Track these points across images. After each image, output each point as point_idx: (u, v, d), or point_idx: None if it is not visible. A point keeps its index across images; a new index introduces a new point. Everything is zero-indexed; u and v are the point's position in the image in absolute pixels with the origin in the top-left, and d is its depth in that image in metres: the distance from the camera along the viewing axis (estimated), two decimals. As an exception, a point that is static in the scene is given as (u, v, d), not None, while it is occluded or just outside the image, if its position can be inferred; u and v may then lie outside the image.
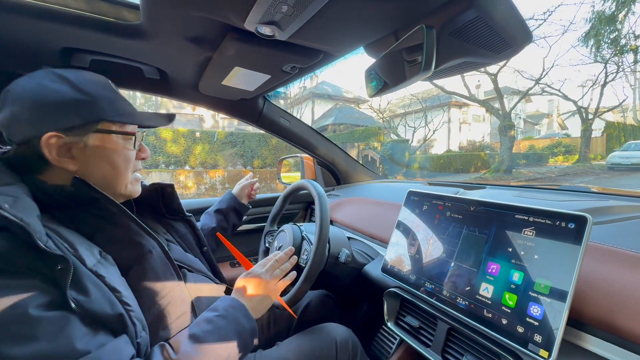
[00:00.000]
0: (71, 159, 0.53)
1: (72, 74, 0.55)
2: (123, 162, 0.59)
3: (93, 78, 0.57)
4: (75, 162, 0.54)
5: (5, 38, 0.74)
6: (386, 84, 0.70)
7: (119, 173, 0.59)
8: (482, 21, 0.53)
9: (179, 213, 0.80)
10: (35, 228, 0.42)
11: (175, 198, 0.79)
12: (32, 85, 0.52)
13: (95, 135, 0.55)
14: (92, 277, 0.46)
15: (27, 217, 0.42)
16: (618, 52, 9.64)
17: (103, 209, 0.55)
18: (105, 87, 0.57)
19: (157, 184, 0.76)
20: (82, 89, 0.53)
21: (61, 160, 0.52)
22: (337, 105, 16.43)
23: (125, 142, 0.59)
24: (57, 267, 0.42)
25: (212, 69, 0.90)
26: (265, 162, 10.04)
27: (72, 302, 0.41)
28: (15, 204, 0.43)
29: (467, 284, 0.64)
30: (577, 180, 9.03)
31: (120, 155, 0.58)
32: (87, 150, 0.54)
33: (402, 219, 0.87)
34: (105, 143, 0.56)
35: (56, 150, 0.51)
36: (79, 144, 0.54)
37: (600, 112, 11.83)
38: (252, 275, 0.69)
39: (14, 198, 0.44)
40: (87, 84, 0.55)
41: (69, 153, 0.53)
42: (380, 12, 0.59)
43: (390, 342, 0.99)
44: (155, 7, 0.63)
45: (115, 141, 0.57)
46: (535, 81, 10.84)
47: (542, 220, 0.57)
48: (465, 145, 15.63)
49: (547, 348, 0.49)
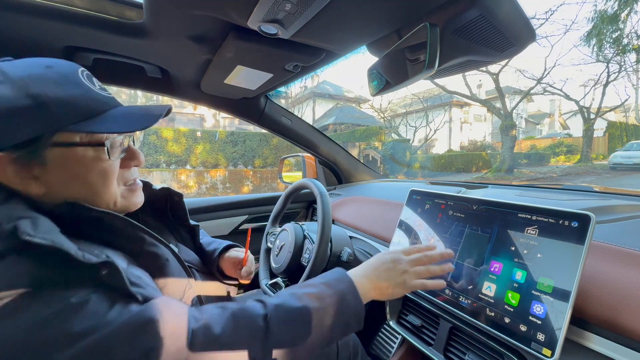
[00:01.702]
0: (33, 180, 0.44)
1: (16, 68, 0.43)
2: (98, 177, 0.48)
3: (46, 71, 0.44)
4: (39, 184, 0.44)
5: (7, 36, 0.75)
6: (388, 83, 0.70)
7: (96, 191, 0.48)
8: (485, 19, 0.53)
9: (184, 220, 0.75)
10: (68, 245, 0.38)
11: (182, 208, 0.73)
12: None
13: (54, 150, 0.44)
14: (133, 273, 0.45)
15: (56, 237, 0.38)
16: (620, 51, 9.61)
17: (110, 226, 0.48)
18: (62, 83, 0.44)
19: (166, 189, 0.71)
20: (28, 90, 0.41)
21: (23, 183, 0.43)
22: (338, 105, 16.43)
23: (97, 153, 0.47)
24: (102, 272, 0.39)
25: (214, 67, 0.90)
26: (267, 161, 10.05)
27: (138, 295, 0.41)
28: (36, 226, 0.38)
29: (470, 283, 0.64)
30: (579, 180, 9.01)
31: (92, 170, 0.47)
32: (49, 169, 0.44)
33: (404, 218, 0.87)
34: (69, 158, 0.45)
35: (12, 173, 0.42)
36: (36, 163, 0.43)
37: (602, 111, 11.81)
38: (391, 255, 0.61)
39: (31, 220, 0.39)
40: (35, 82, 0.42)
41: (29, 174, 0.43)
42: (384, 10, 0.59)
43: (392, 341, 0.99)
44: (158, 5, 0.63)
45: (82, 154, 0.46)
46: (537, 81, 10.83)
47: (545, 219, 0.57)
48: (466, 145, 15.60)
49: (550, 347, 0.49)
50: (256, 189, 9.38)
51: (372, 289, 0.57)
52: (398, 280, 0.58)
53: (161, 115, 0.50)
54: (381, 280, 0.58)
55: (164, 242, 0.57)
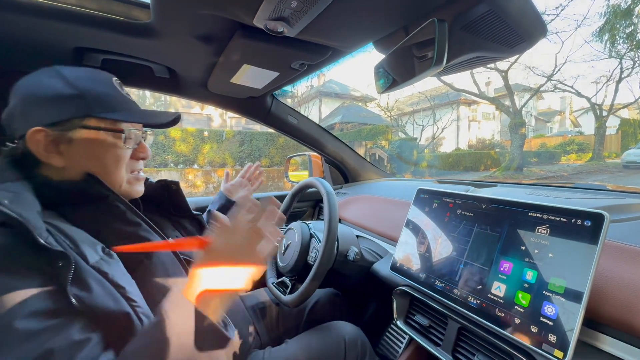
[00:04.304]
0: (58, 154, 0.52)
1: (69, 70, 0.54)
2: (111, 160, 0.56)
3: (91, 74, 0.56)
4: (62, 158, 0.52)
5: (18, 38, 0.76)
6: (395, 81, 0.69)
7: (107, 171, 0.56)
8: (495, 14, 0.52)
9: (186, 211, 0.78)
10: (34, 224, 0.41)
11: (180, 195, 0.76)
12: (30, 80, 0.53)
13: (82, 131, 0.53)
14: (94, 273, 0.45)
15: (26, 212, 0.42)
16: (634, 47, 9.37)
17: (112, 206, 0.55)
18: (100, 84, 0.56)
19: (162, 180, 0.74)
20: (73, 84, 0.52)
21: (48, 156, 0.51)
22: (345, 104, 16.38)
23: (115, 140, 0.56)
24: (58, 263, 0.41)
25: (220, 67, 0.90)
26: (273, 160, 10.08)
27: (73, 298, 0.41)
28: (15, 200, 0.43)
29: (479, 283, 0.63)
30: (591, 179, 8.84)
31: (107, 153, 0.56)
32: (74, 146, 0.53)
33: (411, 217, 0.86)
34: (92, 139, 0.54)
35: (43, 146, 0.51)
36: (65, 140, 0.52)
37: (615, 109, 11.52)
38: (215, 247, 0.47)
39: (14, 194, 0.44)
40: (80, 80, 0.54)
41: (57, 149, 0.52)
42: (391, 6, 0.59)
43: (399, 341, 0.98)
44: (165, 5, 0.63)
45: (103, 138, 0.55)
46: (547, 78, 10.63)
47: (556, 218, 0.56)
48: (474, 144, 15.40)
49: (562, 348, 0.48)
50: (263, 188, 9.42)
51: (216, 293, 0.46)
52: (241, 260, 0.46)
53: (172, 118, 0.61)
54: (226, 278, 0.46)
55: (158, 231, 0.61)
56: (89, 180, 0.53)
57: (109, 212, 0.54)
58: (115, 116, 0.55)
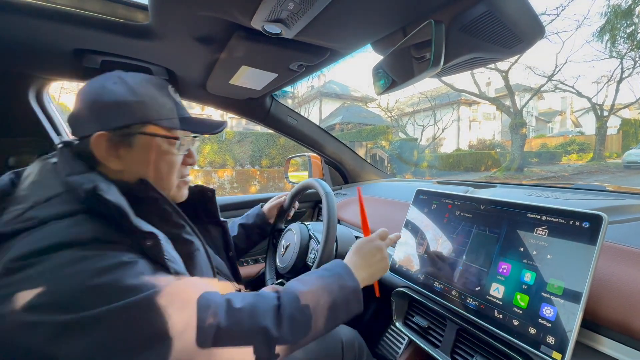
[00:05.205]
0: (117, 158, 0.55)
1: (131, 77, 0.57)
2: (166, 166, 0.59)
3: (150, 82, 0.59)
4: (120, 162, 0.55)
5: (18, 40, 0.76)
6: (394, 82, 0.69)
7: (161, 176, 0.59)
8: (492, 15, 0.52)
9: (215, 217, 0.81)
10: (128, 210, 0.47)
11: (214, 202, 0.80)
12: (95, 86, 0.55)
13: (141, 137, 0.56)
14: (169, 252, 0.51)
15: (119, 199, 0.47)
16: (635, 46, 9.35)
17: (160, 209, 0.57)
18: (159, 91, 0.59)
19: (199, 186, 0.77)
20: (136, 91, 0.55)
21: (108, 159, 0.54)
22: (345, 104, 16.39)
23: (170, 147, 0.59)
24: (147, 242, 0.47)
25: (219, 68, 0.90)
26: (273, 161, 10.08)
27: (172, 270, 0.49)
28: (109, 190, 0.47)
29: (477, 284, 0.63)
30: (592, 179, 8.82)
31: (163, 159, 0.59)
32: (132, 151, 0.55)
33: (410, 218, 0.86)
34: (150, 145, 0.57)
35: (104, 149, 0.53)
36: (125, 144, 0.55)
37: (616, 109, 11.50)
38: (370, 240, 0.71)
39: (106, 184, 0.48)
40: (142, 87, 0.56)
41: (116, 152, 0.54)
42: (388, 8, 0.59)
43: (399, 342, 0.98)
44: (164, 7, 0.64)
45: (159, 144, 0.58)
46: (547, 78, 10.62)
47: (555, 219, 0.56)
48: (475, 144, 15.38)
49: (561, 350, 0.48)
50: (263, 189, 9.42)
51: (362, 274, 0.65)
52: (383, 264, 0.69)
53: (223, 127, 0.65)
54: (369, 264, 0.67)
55: (199, 235, 0.65)
56: (141, 185, 0.56)
57: (157, 214, 0.56)
58: (174, 124, 0.59)
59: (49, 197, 0.46)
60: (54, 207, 0.45)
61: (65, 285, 0.39)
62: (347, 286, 0.60)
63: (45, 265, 0.39)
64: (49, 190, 0.47)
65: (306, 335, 0.53)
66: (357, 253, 0.69)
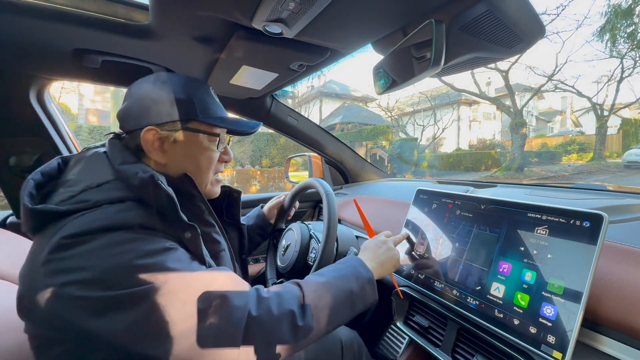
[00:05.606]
0: (163, 152, 0.58)
1: (177, 77, 0.61)
2: (205, 161, 0.63)
3: (194, 82, 0.62)
4: (165, 156, 0.58)
5: (19, 40, 0.76)
6: (394, 81, 0.69)
7: (200, 171, 0.63)
8: (492, 15, 0.52)
9: (235, 218, 0.83)
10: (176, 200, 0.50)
11: (238, 205, 0.81)
12: (145, 84, 0.59)
13: (185, 132, 0.59)
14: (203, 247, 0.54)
15: (171, 191, 0.50)
16: (635, 46, 9.34)
17: (195, 206, 0.60)
18: (202, 91, 0.62)
19: (227, 187, 0.78)
20: (182, 89, 0.59)
21: (154, 152, 0.57)
22: (345, 104, 16.37)
23: (210, 143, 0.63)
24: (185, 234, 0.50)
25: (220, 68, 0.90)
26: (274, 161, 10.08)
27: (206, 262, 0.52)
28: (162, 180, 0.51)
29: (478, 284, 0.63)
30: (592, 179, 8.82)
31: (203, 154, 0.62)
32: (176, 146, 0.59)
33: (410, 218, 0.86)
34: (192, 141, 0.60)
35: (151, 143, 0.56)
36: (170, 139, 0.58)
37: (616, 108, 11.50)
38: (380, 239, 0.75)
39: (160, 175, 0.52)
40: (188, 86, 0.60)
41: (162, 147, 0.58)
42: (388, 7, 0.59)
43: (399, 342, 0.98)
44: (164, 6, 0.64)
45: (201, 140, 0.61)
46: (547, 77, 10.61)
47: (555, 218, 0.56)
48: (475, 144, 15.37)
49: (561, 349, 0.48)
50: (263, 189, 9.42)
51: (374, 267, 0.68)
52: (392, 254, 0.73)
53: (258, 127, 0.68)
54: (379, 258, 0.70)
55: (225, 235, 0.67)
56: (184, 179, 0.59)
57: (191, 210, 0.59)
58: (216, 122, 0.62)
59: (100, 182, 0.49)
60: (106, 192, 0.48)
61: (113, 264, 0.41)
62: (363, 276, 0.63)
63: (95, 244, 0.42)
64: (100, 176, 0.50)
65: (327, 323, 0.55)
66: (368, 249, 0.73)
